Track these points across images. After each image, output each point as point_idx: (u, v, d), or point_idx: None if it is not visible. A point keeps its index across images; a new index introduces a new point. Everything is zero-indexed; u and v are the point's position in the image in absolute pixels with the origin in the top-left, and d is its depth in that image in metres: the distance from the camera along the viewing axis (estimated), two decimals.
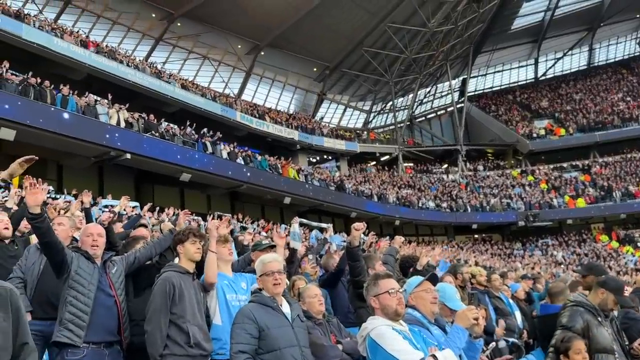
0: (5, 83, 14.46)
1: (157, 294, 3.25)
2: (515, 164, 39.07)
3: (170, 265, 3.46)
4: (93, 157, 17.01)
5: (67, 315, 3.19)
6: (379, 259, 5.06)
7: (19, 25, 18.47)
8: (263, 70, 34.52)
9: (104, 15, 27.07)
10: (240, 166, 21.73)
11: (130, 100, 19.66)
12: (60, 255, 3.28)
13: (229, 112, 26.79)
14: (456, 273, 5.86)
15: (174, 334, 3.18)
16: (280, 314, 3.01)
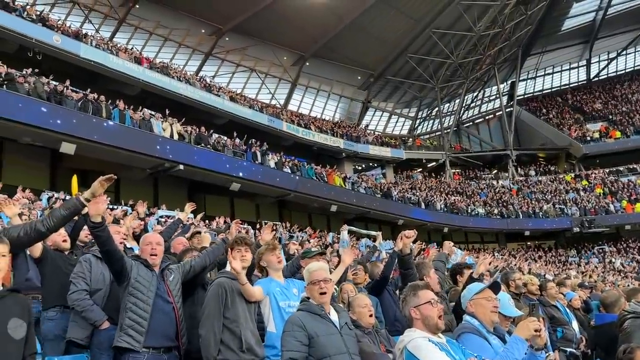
0: (66, 99, 15.33)
1: (211, 299, 3.35)
2: (568, 169, 37.65)
3: (223, 272, 3.61)
4: (148, 169, 17.73)
5: (127, 321, 3.32)
6: (431, 267, 5.01)
7: (78, 45, 19.53)
8: (308, 80, 34.93)
9: (156, 32, 28.23)
10: (287, 175, 22.05)
11: (182, 113, 20.40)
12: (119, 263, 3.43)
13: (275, 123, 27.25)
14: (507, 280, 5.76)
15: (227, 338, 3.27)
16: (329, 322, 3.02)
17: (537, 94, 44.71)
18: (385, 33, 31.46)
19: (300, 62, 33.27)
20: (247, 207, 23.60)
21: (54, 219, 3.02)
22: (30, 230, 2.96)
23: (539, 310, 5.43)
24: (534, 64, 41.40)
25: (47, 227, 3.00)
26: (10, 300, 2.43)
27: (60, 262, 4.28)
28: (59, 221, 3.05)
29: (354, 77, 35.82)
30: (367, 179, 29.60)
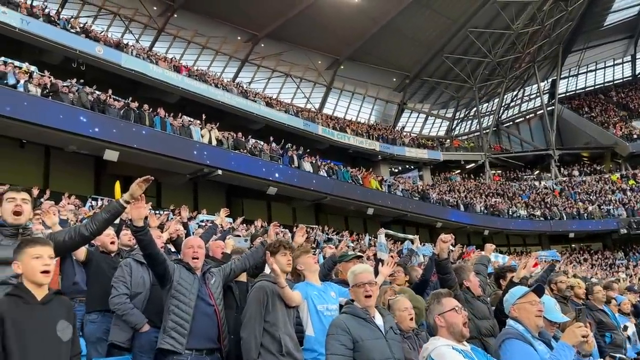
0: (109, 108, 15.86)
1: (253, 302, 3.38)
2: (614, 168, 36.27)
3: (264, 275, 3.63)
4: (188, 174, 18.11)
5: (169, 324, 3.37)
6: (471, 270, 4.91)
7: (119, 55, 20.18)
8: (343, 83, 34.95)
9: (194, 40, 28.87)
10: (323, 178, 22.10)
11: (220, 119, 20.76)
12: (162, 267, 3.48)
13: (311, 127, 27.39)
14: (550, 283, 5.58)
15: (267, 342, 3.28)
16: (373, 326, 2.98)
17: (580, 92, 43.30)
18: (420, 34, 31.17)
19: (335, 65, 33.34)
20: (283, 211, 23.77)
21: (97, 223, 3.11)
22: (74, 234, 3.05)
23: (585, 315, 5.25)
24: (575, 61, 40.11)
25: (90, 231, 3.09)
26: (56, 302, 2.52)
27: (104, 265, 4.39)
28: (102, 224, 3.14)
29: (389, 79, 35.62)
30: (403, 182, 29.33)
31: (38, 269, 2.44)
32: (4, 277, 2.70)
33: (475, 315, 4.19)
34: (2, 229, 2.87)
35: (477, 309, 4.31)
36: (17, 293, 2.43)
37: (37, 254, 2.46)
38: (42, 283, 2.46)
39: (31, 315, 2.38)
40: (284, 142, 22.23)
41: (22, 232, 2.90)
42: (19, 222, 2.90)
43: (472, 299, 4.42)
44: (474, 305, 4.32)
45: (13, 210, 2.88)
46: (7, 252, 2.75)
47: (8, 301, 2.40)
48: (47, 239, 2.76)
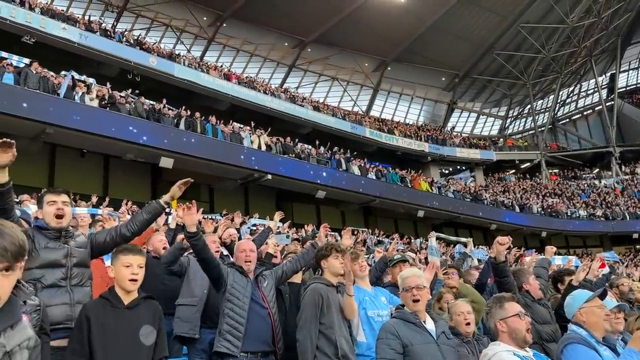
0: (163, 117, 16.44)
1: (308, 304, 3.39)
2: None
3: (317, 278, 3.63)
4: (239, 179, 18.46)
5: (225, 327, 3.43)
6: (531, 274, 4.74)
7: (172, 65, 20.89)
8: (390, 85, 34.67)
9: (242, 48, 29.48)
10: (371, 181, 21.96)
11: (268, 124, 21.06)
12: (216, 271, 3.56)
13: (358, 129, 27.32)
14: (612, 287, 5.29)
15: (323, 344, 3.28)
16: (424, 331, 2.94)
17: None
18: (469, 32, 30.48)
19: (382, 67, 33.13)
20: (332, 214, 23.77)
21: (137, 223, 3.20)
22: (115, 234, 3.15)
23: None
24: (635, 54, 38.01)
25: (131, 231, 3.18)
26: (143, 307, 2.63)
27: (157, 270, 4.47)
28: (142, 224, 3.23)
29: (437, 79, 35.03)
30: (455, 183, 28.70)
31: (127, 277, 2.58)
32: (54, 279, 2.80)
33: (536, 320, 4.06)
34: (45, 232, 2.94)
35: (538, 313, 4.18)
36: (107, 297, 2.57)
37: (128, 262, 2.61)
38: (129, 290, 2.59)
39: (116, 319, 2.50)
40: (330, 145, 22.27)
41: (65, 234, 2.98)
42: (61, 225, 2.96)
43: (532, 302, 4.29)
44: (534, 309, 4.19)
45: (55, 214, 2.95)
46: (54, 255, 2.87)
47: (97, 303, 2.54)
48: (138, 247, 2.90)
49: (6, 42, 16.72)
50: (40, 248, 2.84)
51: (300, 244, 7.69)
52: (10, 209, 2.72)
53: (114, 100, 15.25)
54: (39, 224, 3.01)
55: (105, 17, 24.38)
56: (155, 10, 26.21)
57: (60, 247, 2.89)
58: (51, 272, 2.79)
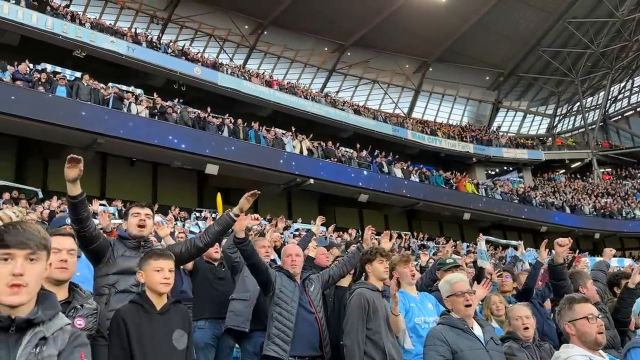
0: (208, 125, 16.82)
1: (354, 309, 3.35)
2: None
3: (362, 282, 3.61)
4: (282, 184, 18.63)
5: (273, 330, 3.47)
6: (589, 277, 4.56)
7: (215, 74, 21.37)
8: (432, 86, 34.20)
9: (283, 55, 29.82)
10: (414, 184, 21.70)
11: (310, 129, 21.19)
12: (264, 275, 3.60)
13: (400, 132, 27.05)
14: None
15: (370, 349, 3.25)
16: (472, 337, 2.88)
17: None
18: (513, 29, 29.71)
19: (423, 68, 32.74)
20: (375, 218, 23.57)
21: (210, 235, 3.30)
22: (190, 246, 3.27)
23: None
24: None
25: (204, 243, 3.29)
26: (174, 312, 2.66)
27: (209, 275, 4.57)
28: (214, 236, 3.33)
29: (481, 78, 34.29)
30: (502, 184, 27.95)
31: (158, 281, 2.62)
32: (127, 285, 2.93)
33: None
34: (126, 241, 3.11)
35: None
36: (139, 301, 2.62)
37: (159, 267, 2.64)
38: (160, 293, 2.64)
39: (150, 324, 2.54)
40: (372, 148, 22.16)
41: (144, 245, 3.13)
42: (142, 234, 3.13)
43: None
44: None
45: (138, 224, 3.13)
46: (130, 263, 3.00)
47: (131, 308, 2.59)
48: (168, 252, 2.95)
49: (59, 56, 17.55)
50: (117, 256, 3.01)
51: (344, 248, 7.68)
52: (85, 219, 2.85)
53: (163, 110, 15.74)
54: (122, 233, 3.21)
55: (151, 29, 25.23)
56: (199, 21, 26.89)
57: (137, 255, 3.00)
58: (125, 279, 2.92)
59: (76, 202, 2.78)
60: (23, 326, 1.50)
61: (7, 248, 1.49)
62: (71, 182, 2.72)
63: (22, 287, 1.48)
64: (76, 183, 2.73)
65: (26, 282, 1.49)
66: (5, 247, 1.49)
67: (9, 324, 1.47)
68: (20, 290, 1.48)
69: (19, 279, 1.48)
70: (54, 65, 16.70)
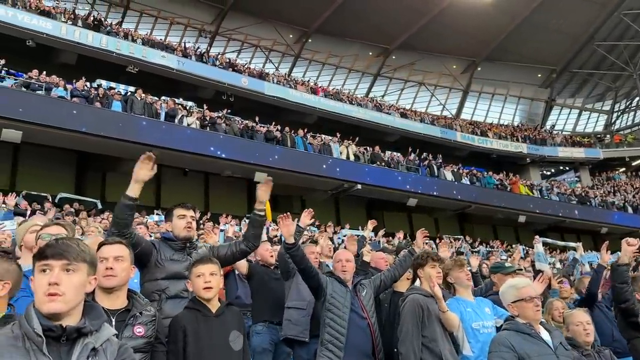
0: (256, 134, 17.11)
1: (408, 316, 3.30)
2: None
3: (415, 288, 3.54)
4: (330, 190, 18.66)
5: (326, 337, 3.46)
6: None
7: (262, 84, 21.76)
8: (481, 85, 33.39)
9: (328, 62, 29.95)
10: (465, 186, 21.21)
11: (356, 134, 21.14)
12: (315, 280, 3.61)
13: (448, 134, 26.58)
14: None
15: (427, 357, 3.19)
16: (540, 342, 2.79)
17: None
18: (564, 24, 28.59)
19: (471, 68, 32.05)
20: (425, 222, 23.09)
21: (249, 238, 3.35)
22: (235, 249, 3.32)
23: None
24: None
25: (248, 246, 3.34)
26: (229, 314, 2.74)
27: (266, 278, 4.64)
28: (252, 238, 3.37)
29: (533, 76, 33.17)
30: (558, 185, 26.87)
31: (201, 286, 2.69)
32: (177, 290, 2.96)
33: None
34: (172, 243, 3.14)
35: None
36: (195, 307, 2.69)
37: (199, 273, 2.71)
38: (204, 298, 2.69)
39: (207, 327, 2.61)
40: (419, 151, 21.85)
41: (189, 246, 3.17)
42: (188, 234, 3.16)
43: None
44: None
45: (184, 226, 3.16)
46: (178, 267, 3.04)
47: (188, 314, 2.66)
48: (210, 255, 3.05)
49: (113, 72, 18.36)
50: (165, 260, 3.03)
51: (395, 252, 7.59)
52: (129, 224, 2.89)
53: (213, 121, 16.17)
54: (166, 235, 3.24)
55: (199, 42, 25.98)
56: (245, 33, 27.45)
57: (184, 259, 3.06)
58: (175, 284, 2.96)
59: (131, 205, 2.80)
60: (73, 336, 1.56)
61: (46, 259, 1.57)
62: (138, 183, 2.76)
63: (58, 295, 1.54)
64: (141, 185, 2.77)
65: (62, 292, 1.55)
66: (44, 258, 1.58)
67: (61, 334, 1.53)
68: (56, 298, 1.54)
69: (55, 288, 1.54)
70: (108, 81, 17.49)
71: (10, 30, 16.21)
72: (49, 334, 1.51)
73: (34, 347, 1.49)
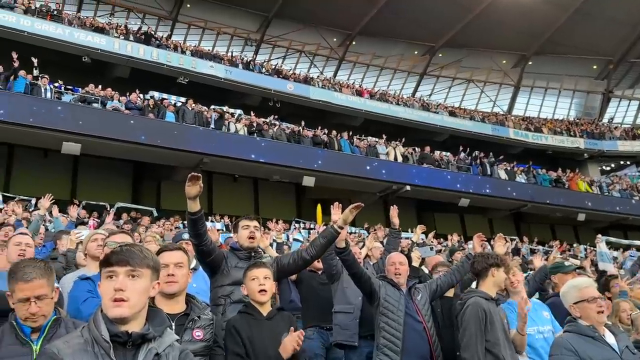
0: (303, 138, 17.24)
1: (471, 320, 3.18)
2: None
3: (474, 291, 3.43)
4: (377, 193, 18.52)
5: (382, 341, 3.43)
6: None
7: (307, 89, 21.95)
8: (533, 80, 32.26)
9: (372, 63, 29.82)
10: (520, 185, 20.54)
11: (403, 135, 20.93)
12: (367, 285, 3.59)
13: (500, 131, 25.87)
14: None
15: None
16: (605, 345, 2.65)
17: None
18: (619, 12, 27.12)
19: (522, 62, 31.04)
20: (478, 223, 22.57)
21: (315, 247, 3.36)
22: (297, 258, 3.36)
23: None
24: None
25: (310, 255, 3.36)
26: (279, 317, 2.78)
27: (314, 283, 4.68)
28: (320, 249, 3.38)
29: (588, 68, 31.74)
30: (619, 180, 25.54)
31: (256, 289, 2.74)
32: (240, 295, 3.04)
33: None
34: (237, 252, 3.27)
35: None
36: (247, 311, 2.75)
37: (254, 276, 2.77)
38: (260, 301, 2.74)
39: (260, 330, 2.65)
40: (470, 150, 21.33)
41: (254, 255, 3.27)
42: (252, 245, 3.28)
43: None
44: None
45: (248, 236, 3.27)
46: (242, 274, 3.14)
47: (241, 317, 2.72)
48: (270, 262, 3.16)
49: (165, 84, 19.00)
50: (231, 267, 3.17)
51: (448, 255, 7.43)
52: (202, 234, 3.04)
53: (260, 127, 16.43)
54: (233, 245, 3.41)
55: (245, 51, 26.49)
56: (290, 39, 27.76)
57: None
58: (239, 289, 3.04)
59: (195, 218, 2.96)
60: (138, 342, 1.61)
61: (111, 266, 1.63)
62: (192, 199, 2.89)
63: (124, 301, 1.60)
64: (196, 200, 2.90)
65: (127, 297, 1.60)
66: (110, 265, 1.64)
67: (127, 340, 1.58)
68: (122, 304, 1.60)
69: (120, 293, 1.60)
70: (160, 92, 18.11)
71: (68, 48, 17.08)
72: (115, 340, 1.57)
73: (101, 351, 1.55)
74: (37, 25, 16.52)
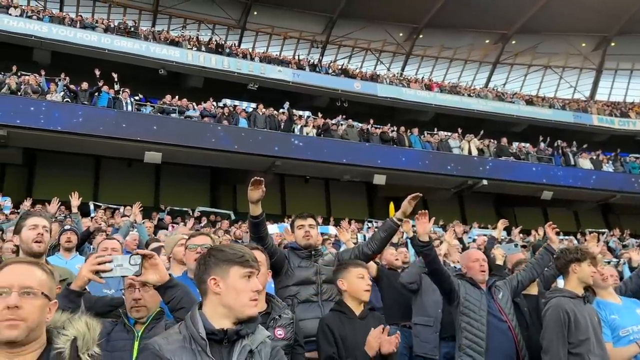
0: (372, 136, 17.11)
1: (551, 323, 3.05)
2: None
3: (558, 290, 3.22)
4: (452, 188, 18.00)
5: (464, 341, 3.32)
6: None
7: (374, 86, 21.81)
8: (617, 62, 30.02)
9: (441, 55, 29.08)
10: (607, 174, 19.23)
11: (477, 128, 20.19)
12: (447, 284, 3.46)
13: (583, 118, 24.36)
14: None
15: None
16: None
17: None
18: None
19: (604, 44, 28.96)
20: (563, 216, 21.31)
21: (376, 242, 3.37)
22: (358, 253, 3.37)
23: None
24: None
25: (372, 250, 3.36)
26: (371, 318, 2.81)
27: (393, 281, 4.66)
28: (381, 242, 3.37)
29: None
30: None
31: (363, 288, 2.78)
32: (307, 295, 3.09)
33: None
34: (298, 252, 3.30)
35: None
36: (340, 309, 2.79)
37: (361, 274, 2.81)
38: (363, 300, 2.79)
39: (353, 329, 2.68)
40: (550, 140, 20.19)
41: (314, 254, 3.30)
42: (308, 242, 3.30)
43: None
44: None
45: (304, 235, 3.31)
46: (306, 273, 3.20)
47: (334, 316, 2.77)
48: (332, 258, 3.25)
49: (236, 90, 19.61)
50: (294, 267, 3.22)
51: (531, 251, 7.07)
52: (264, 237, 3.12)
53: (327, 127, 16.52)
54: (293, 245, 3.43)
55: (312, 53, 26.77)
56: (355, 38, 27.69)
57: (311, 265, 3.23)
58: (305, 289, 3.11)
59: (257, 222, 3.04)
60: (233, 338, 1.64)
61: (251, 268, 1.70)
62: (254, 203, 2.95)
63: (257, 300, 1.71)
64: (258, 204, 2.97)
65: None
66: (250, 267, 1.70)
67: (223, 337, 1.63)
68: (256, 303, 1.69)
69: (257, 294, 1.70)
70: (232, 99, 18.71)
71: (145, 62, 18.11)
72: (211, 337, 1.62)
73: (199, 348, 1.61)
74: (117, 42, 17.70)
